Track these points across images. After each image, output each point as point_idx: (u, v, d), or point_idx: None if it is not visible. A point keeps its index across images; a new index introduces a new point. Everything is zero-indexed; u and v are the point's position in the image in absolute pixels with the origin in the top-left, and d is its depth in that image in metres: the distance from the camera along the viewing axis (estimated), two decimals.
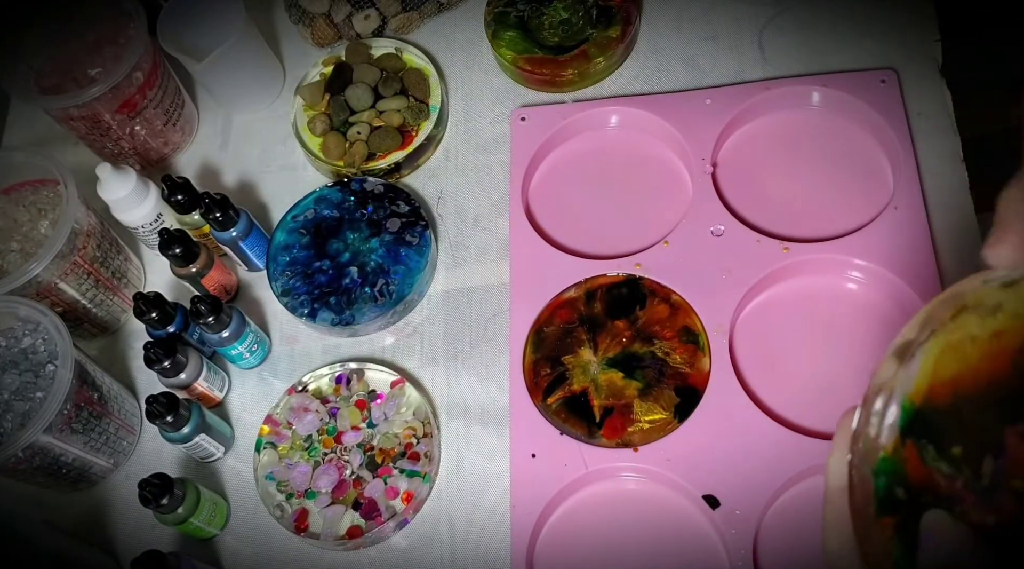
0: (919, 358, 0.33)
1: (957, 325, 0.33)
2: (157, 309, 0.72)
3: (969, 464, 0.31)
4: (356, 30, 0.90)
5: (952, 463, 0.31)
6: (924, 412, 0.32)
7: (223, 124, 0.93)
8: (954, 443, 0.31)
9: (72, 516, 0.76)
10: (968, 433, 0.31)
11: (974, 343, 0.32)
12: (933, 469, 0.31)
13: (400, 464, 0.71)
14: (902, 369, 0.34)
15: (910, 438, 0.32)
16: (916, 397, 0.33)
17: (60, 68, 0.85)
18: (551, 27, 0.85)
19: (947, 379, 0.32)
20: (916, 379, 0.33)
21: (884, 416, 0.33)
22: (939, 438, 0.32)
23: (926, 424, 0.32)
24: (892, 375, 0.34)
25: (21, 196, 0.81)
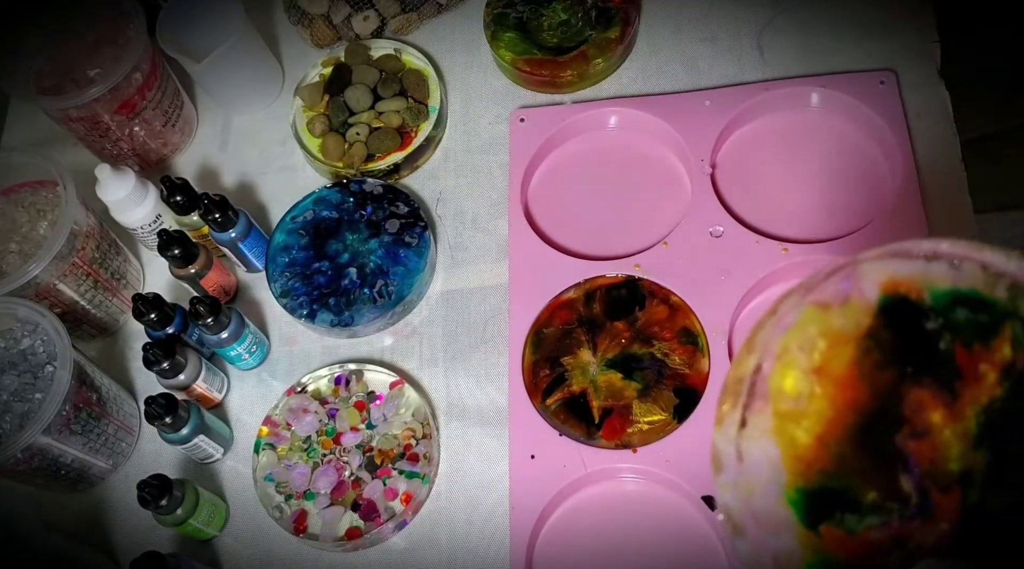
0: (763, 443, 0.31)
1: (776, 390, 0.31)
2: (156, 310, 0.72)
3: (891, 497, 0.30)
4: (355, 31, 0.90)
5: (876, 510, 0.30)
6: (813, 490, 0.30)
7: (222, 125, 0.93)
8: (864, 491, 0.30)
9: (71, 517, 0.76)
10: (867, 472, 0.30)
11: (810, 396, 0.31)
12: (864, 532, 0.30)
13: (399, 465, 0.71)
14: (743, 471, 0.31)
15: (820, 524, 0.30)
16: (795, 480, 0.30)
17: (59, 69, 0.85)
18: (550, 28, 0.85)
19: (810, 442, 0.30)
20: (781, 463, 0.30)
21: (770, 525, 0.30)
22: (847, 499, 0.30)
23: (825, 498, 0.30)
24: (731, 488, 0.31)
25: (20, 197, 0.81)
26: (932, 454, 0.30)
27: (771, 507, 0.30)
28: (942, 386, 0.30)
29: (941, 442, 0.30)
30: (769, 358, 0.32)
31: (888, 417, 0.30)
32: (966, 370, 0.30)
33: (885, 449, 0.30)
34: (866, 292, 0.31)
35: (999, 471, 0.29)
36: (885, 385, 0.31)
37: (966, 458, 0.30)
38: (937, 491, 0.29)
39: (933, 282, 0.31)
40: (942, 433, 0.30)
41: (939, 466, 0.30)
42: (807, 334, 0.31)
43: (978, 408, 0.30)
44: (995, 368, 0.30)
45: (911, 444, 0.30)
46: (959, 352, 0.30)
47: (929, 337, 0.31)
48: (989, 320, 0.30)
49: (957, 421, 0.30)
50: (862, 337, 0.31)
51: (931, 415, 0.30)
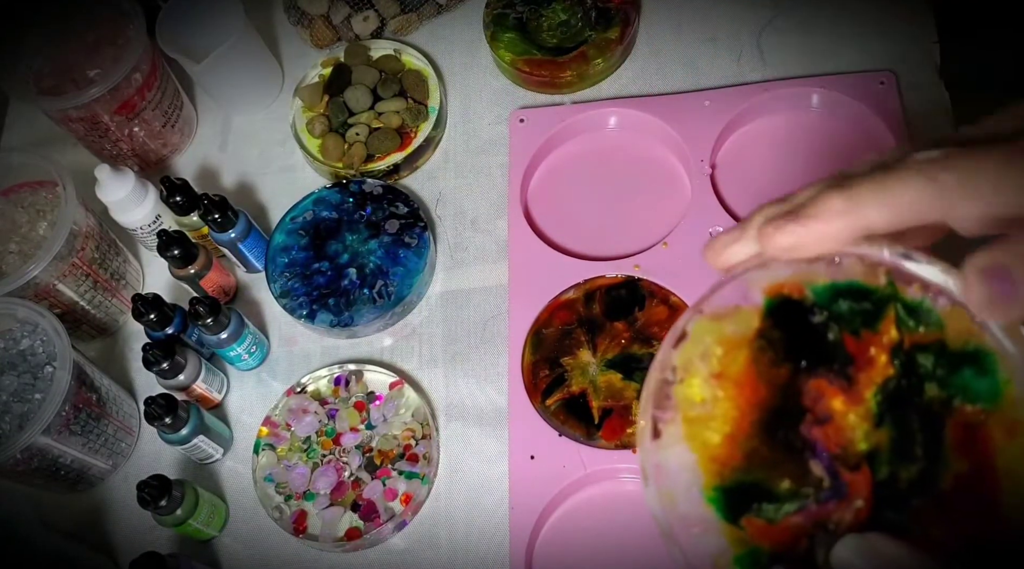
0: (678, 450, 0.33)
1: (683, 399, 0.33)
2: (156, 311, 0.72)
3: (804, 483, 0.31)
4: (355, 31, 0.90)
5: (792, 497, 0.31)
6: (730, 487, 0.32)
7: (222, 125, 0.93)
8: (778, 481, 0.32)
9: (71, 518, 0.76)
10: (778, 463, 0.32)
11: (715, 400, 0.33)
12: (784, 520, 0.31)
13: (399, 466, 0.71)
14: (663, 481, 0.33)
15: (742, 516, 0.32)
16: (712, 480, 0.32)
17: (59, 69, 0.85)
18: (550, 29, 0.85)
19: (719, 442, 0.32)
20: (697, 466, 0.32)
21: (697, 527, 0.32)
22: (763, 491, 0.31)
23: (741, 492, 0.32)
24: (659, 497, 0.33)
25: (20, 197, 0.80)
26: (838, 438, 0.32)
27: (695, 510, 0.32)
28: (837, 374, 0.32)
29: (844, 425, 0.32)
30: (671, 371, 0.34)
31: (790, 409, 0.32)
32: (858, 356, 0.32)
33: (792, 439, 0.32)
34: (752, 298, 0.33)
35: (903, 445, 0.31)
36: (782, 380, 0.33)
37: (870, 437, 0.31)
38: (847, 471, 0.31)
39: (813, 280, 0.33)
40: (844, 417, 0.32)
41: (846, 448, 0.31)
42: (704, 344, 0.33)
43: (874, 389, 0.32)
44: (884, 350, 0.32)
45: (816, 431, 0.32)
46: (848, 340, 0.32)
47: (817, 330, 0.33)
48: (871, 307, 0.33)
49: (856, 404, 0.32)
50: (754, 339, 0.33)
51: (831, 402, 0.32)
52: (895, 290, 0.32)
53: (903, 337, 0.32)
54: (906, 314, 0.32)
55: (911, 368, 0.32)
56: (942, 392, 0.31)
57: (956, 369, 0.31)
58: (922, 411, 0.31)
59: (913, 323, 0.32)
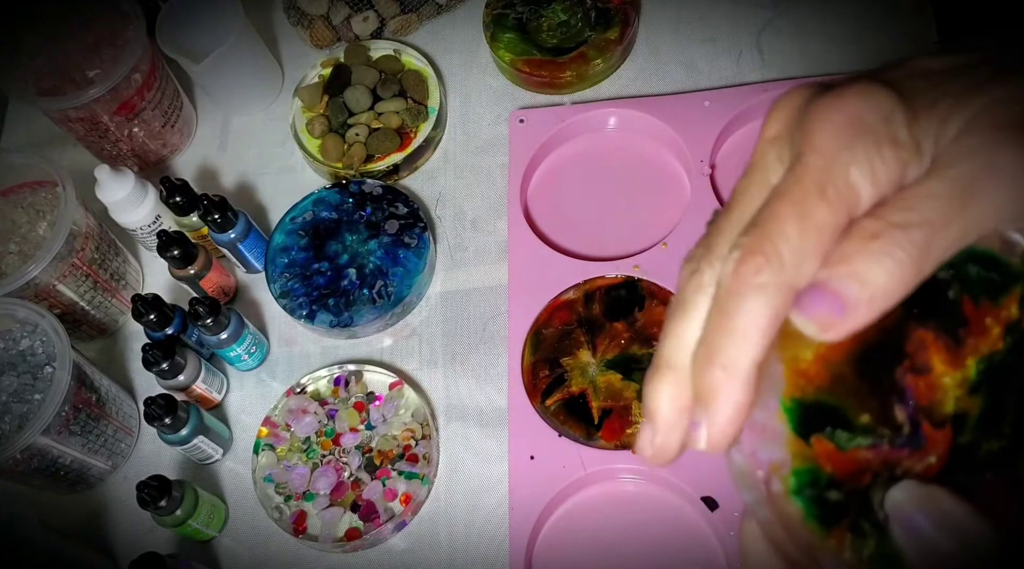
0: (769, 362, 0.31)
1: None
2: (155, 311, 0.72)
3: (884, 423, 0.31)
4: (355, 32, 0.90)
5: (868, 432, 0.31)
6: (809, 403, 0.31)
7: (221, 126, 0.93)
8: (858, 413, 0.31)
9: (70, 518, 0.76)
10: (864, 396, 0.31)
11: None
12: (853, 451, 0.31)
13: (399, 466, 0.71)
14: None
15: (812, 435, 0.31)
16: (793, 392, 0.32)
17: (58, 69, 0.85)
18: (549, 29, 0.85)
19: (811, 359, 0.32)
20: (782, 375, 0.32)
21: (760, 433, 0.32)
22: (841, 417, 0.31)
23: (819, 412, 0.31)
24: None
25: (19, 198, 0.80)
26: (929, 391, 0.31)
27: (767, 416, 0.31)
28: (947, 331, 0.31)
29: (939, 383, 0.31)
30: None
31: (890, 350, 0.31)
32: (972, 321, 0.31)
33: (883, 378, 0.31)
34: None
35: (992, 418, 0.31)
36: (891, 320, 0.31)
37: (961, 402, 0.31)
38: (930, 426, 0.31)
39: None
40: (942, 374, 0.31)
41: (935, 404, 0.31)
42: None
43: (979, 358, 0.31)
44: (1000, 324, 0.31)
45: (910, 378, 0.31)
46: (967, 304, 0.31)
47: (939, 285, 0.32)
48: (1000, 279, 0.32)
49: (957, 366, 0.31)
50: None
51: (932, 356, 0.31)
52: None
53: (1023, 318, 0.31)
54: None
55: (1021, 349, 0.31)
56: None
57: None
58: (1021, 393, 0.31)
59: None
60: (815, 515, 0.31)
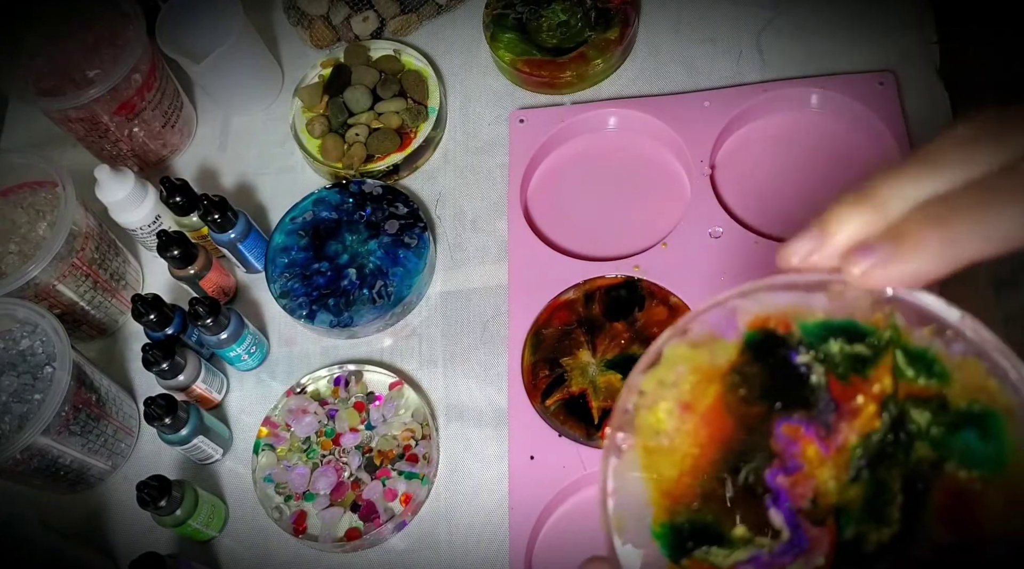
0: (633, 477, 0.31)
1: (644, 426, 0.31)
2: (155, 311, 0.72)
3: (761, 531, 0.29)
4: (354, 32, 0.90)
5: (745, 544, 0.29)
6: (679, 524, 0.30)
7: (221, 126, 0.93)
8: (732, 526, 0.29)
9: (70, 518, 0.76)
10: (735, 507, 0.30)
11: (677, 432, 0.30)
12: (730, 567, 0.29)
13: (398, 466, 0.71)
14: (618, 502, 0.30)
15: (686, 557, 0.29)
16: (662, 515, 0.30)
17: (58, 69, 0.85)
18: (549, 29, 0.85)
19: (676, 477, 0.30)
20: (649, 498, 0.30)
21: (643, 558, 0.30)
22: (714, 533, 0.29)
23: (691, 532, 0.30)
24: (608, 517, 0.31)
25: (19, 198, 0.80)
26: (805, 488, 0.29)
27: (642, 540, 0.30)
28: (815, 420, 0.30)
29: (815, 476, 0.29)
30: (638, 394, 0.32)
31: (757, 452, 0.30)
32: (842, 403, 0.30)
33: (754, 484, 0.30)
34: (736, 327, 0.31)
35: (877, 505, 0.29)
36: (753, 420, 0.30)
37: (842, 493, 0.29)
38: (810, 525, 0.29)
39: (805, 314, 0.30)
40: (816, 467, 0.29)
41: (814, 500, 0.29)
42: (676, 371, 0.31)
43: (855, 442, 0.29)
44: (873, 400, 0.29)
45: (781, 478, 0.29)
46: (833, 385, 0.30)
47: (799, 371, 0.30)
48: (867, 351, 0.30)
49: (832, 455, 0.29)
50: (728, 373, 0.31)
51: (804, 449, 0.30)
52: (898, 334, 0.30)
53: (898, 387, 0.29)
54: (906, 362, 0.29)
55: (901, 423, 0.29)
56: (934, 453, 0.28)
57: (955, 430, 0.28)
58: (907, 472, 0.29)
59: (913, 373, 0.29)
60: None
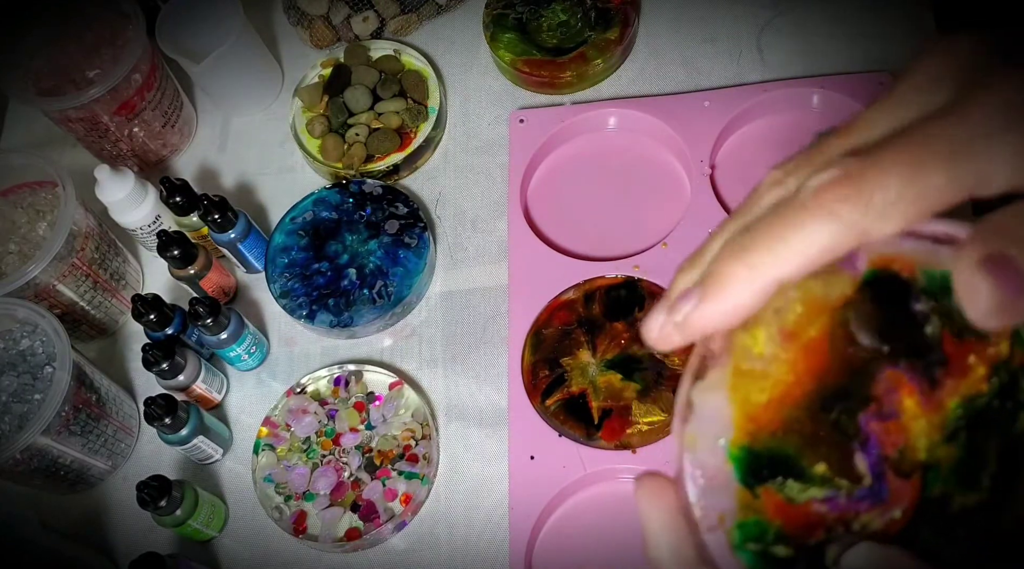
0: (717, 397, 0.29)
1: (740, 347, 0.29)
2: (155, 311, 0.72)
3: (842, 473, 0.28)
4: (354, 32, 0.90)
5: (823, 483, 0.28)
6: (759, 451, 0.29)
7: (221, 126, 0.93)
8: (814, 462, 0.28)
9: (70, 518, 0.76)
10: (821, 444, 0.28)
11: (775, 359, 0.29)
12: (805, 503, 0.28)
13: (399, 466, 0.71)
14: (693, 422, 0.29)
15: (760, 485, 0.28)
16: (742, 438, 0.29)
17: (58, 70, 0.85)
18: (549, 29, 0.85)
19: (764, 402, 0.29)
20: (731, 419, 0.29)
21: (708, 479, 0.29)
22: (794, 466, 0.28)
23: (770, 461, 0.29)
24: (682, 433, 0.29)
25: (19, 198, 0.80)
26: (897, 439, 0.28)
27: (714, 461, 0.29)
28: (922, 371, 0.28)
29: (909, 428, 0.28)
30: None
31: (854, 392, 0.28)
32: (953, 359, 0.28)
33: (845, 424, 0.28)
34: (857, 264, 0.29)
35: (970, 469, 0.28)
36: (858, 360, 0.29)
37: (935, 450, 0.28)
38: (895, 476, 0.28)
39: (932, 263, 0.28)
40: (913, 419, 0.28)
41: (904, 452, 0.28)
42: (785, 297, 0.29)
43: (958, 401, 0.28)
44: (985, 363, 0.28)
45: (875, 424, 0.28)
46: (947, 339, 0.28)
47: (916, 319, 0.29)
48: None
49: (933, 410, 0.28)
50: (841, 307, 0.29)
51: (904, 399, 0.28)
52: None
53: (1013, 355, 0.28)
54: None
55: (1010, 391, 0.28)
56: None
57: None
58: (1006, 441, 0.28)
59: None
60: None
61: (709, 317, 0.28)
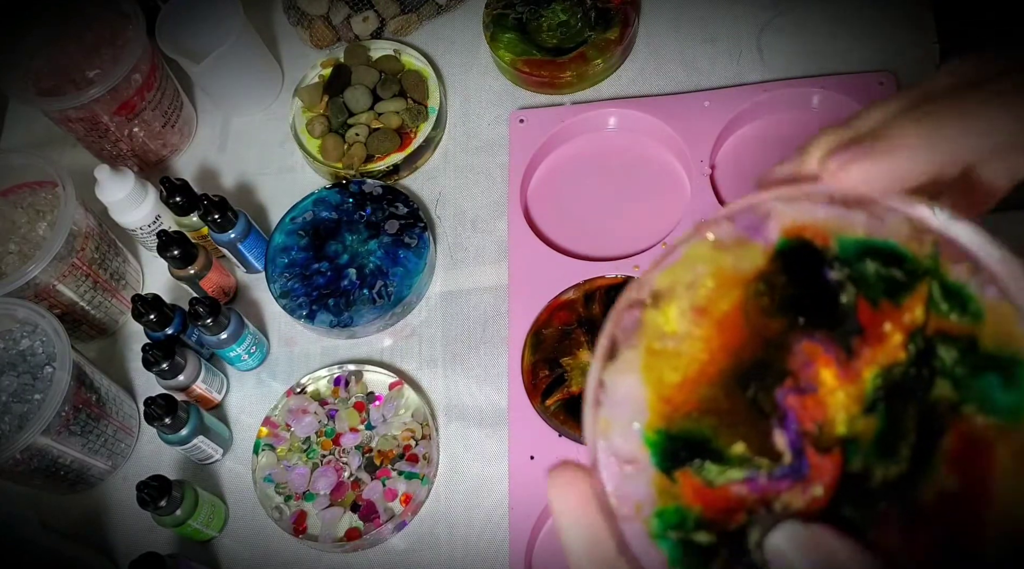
0: (630, 379, 0.28)
1: (652, 326, 0.28)
2: (155, 311, 0.72)
3: (760, 451, 0.27)
4: (355, 32, 0.90)
5: (742, 463, 0.27)
6: (675, 432, 0.28)
7: (221, 126, 0.93)
8: (731, 442, 0.27)
9: (70, 518, 0.76)
10: (738, 422, 0.27)
11: (688, 337, 0.28)
12: (724, 486, 0.27)
13: (399, 466, 0.71)
14: (606, 406, 0.28)
15: (678, 469, 0.27)
16: (656, 421, 0.28)
17: (58, 70, 0.85)
18: (549, 29, 0.85)
19: (678, 382, 0.28)
20: (645, 401, 0.28)
21: (623, 466, 0.28)
22: (711, 447, 0.27)
23: (686, 443, 0.27)
24: (594, 419, 0.29)
25: (19, 198, 0.80)
26: (816, 413, 0.27)
27: (629, 446, 0.28)
28: (838, 342, 0.27)
29: (827, 402, 0.27)
30: (649, 293, 0.29)
31: (770, 368, 0.28)
32: (869, 328, 0.27)
33: (761, 401, 0.27)
34: (768, 233, 0.29)
35: (889, 440, 0.27)
36: (772, 333, 0.28)
37: (854, 423, 0.27)
38: (815, 452, 0.27)
39: (845, 229, 0.28)
40: (831, 393, 0.27)
41: (823, 427, 0.27)
42: (695, 272, 0.28)
43: (876, 371, 0.27)
44: (901, 329, 0.27)
45: (792, 399, 0.27)
46: (863, 307, 0.28)
47: (830, 288, 0.28)
48: (902, 276, 0.28)
49: (850, 382, 0.27)
50: (753, 280, 0.28)
51: (821, 372, 0.27)
52: (937, 264, 0.27)
53: (929, 321, 0.27)
54: (941, 295, 0.27)
55: (927, 358, 0.27)
56: (954, 394, 0.27)
57: (980, 373, 0.27)
58: (924, 410, 0.27)
59: (947, 308, 0.27)
60: (680, 561, 0.27)
61: (871, 174, 0.27)
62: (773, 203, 0.29)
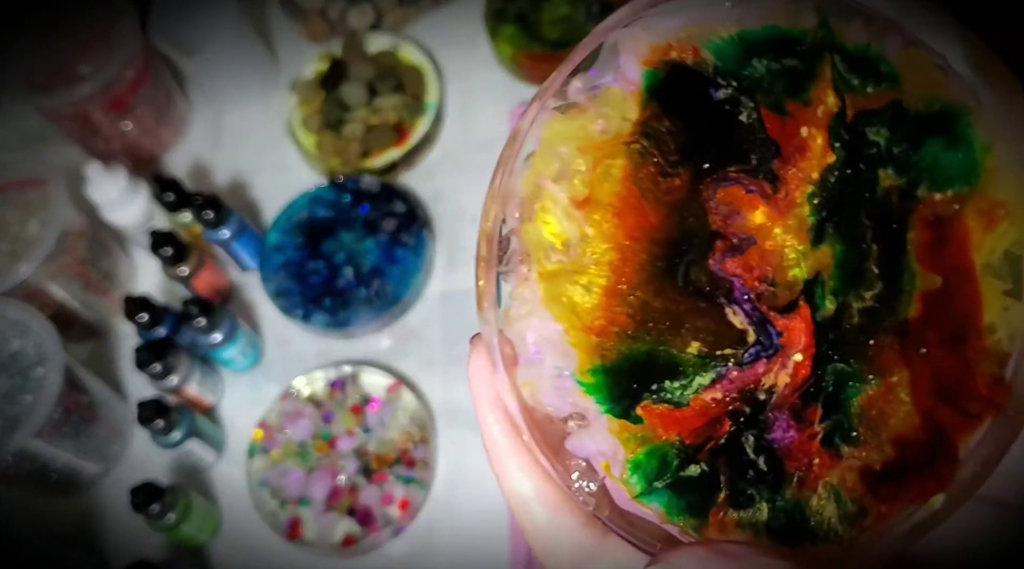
0: (535, 321, 0.23)
1: (535, 243, 0.23)
2: (148, 311, 0.72)
3: (719, 342, 0.23)
4: (351, 26, 0.89)
5: (704, 365, 0.23)
6: (614, 364, 0.23)
7: (215, 122, 0.92)
8: (683, 345, 0.23)
9: (63, 522, 0.75)
10: (680, 320, 0.23)
11: (583, 239, 0.23)
12: (693, 399, 0.23)
13: (396, 470, 0.70)
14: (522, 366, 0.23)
15: (636, 404, 0.23)
16: (589, 359, 0.23)
17: (50, 66, 0.84)
18: (552, 22, 0.84)
19: (596, 303, 0.23)
20: (565, 341, 0.23)
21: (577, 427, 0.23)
22: (662, 364, 0.23)
23: (631, 370, 0.23)
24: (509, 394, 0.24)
25: (9, 196, 0.79)
26: (762, 269, 0.23)
27: (567, 403, 0.23)
28: (755, 173, 0.23)
29: (771, 248, 0.23)
30: (515, 205, 0.24)
31: (691, 237, 0.23)
32: (784, 141, 0.23)
33: (698, 281, 0.23)
34: (627, 74, 0.23)
35: (853, 264, 0.23)
36: (679, 195, 0.23)
37: (807, 259, 0.23)
38: (778, 315, 0.22)
39: (713, 32, 0.23)
40: (770, 235, 0.23)
41: (775, 280, 0.23)
42: (559, 157, 0.23)
43: (810, 189, 0.23)
44: (820, 127, 0.22)
45: (730, 263, 0.23)
46: (768, 119, 0.23)
47: (723, 111, 0.23)
48: (798, 64, 0.23)
49: (786, 213, 0.23)
50: (631, 139, 0.23)
51: (749, 217, 0.23)
52: (830, 32, 0.22)
53: (845, 104, 0.22)
54: (848, 68, 0.22)
55: (858, 149, 0.22)
56: (902, 178, 0.22)
57: (920, 142, 0.22)
58: (877, 210, 0.22)
59: (858, 81, 0.22)
60: (680, 509, 0.23)
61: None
62: (614, 35, 0.23)
